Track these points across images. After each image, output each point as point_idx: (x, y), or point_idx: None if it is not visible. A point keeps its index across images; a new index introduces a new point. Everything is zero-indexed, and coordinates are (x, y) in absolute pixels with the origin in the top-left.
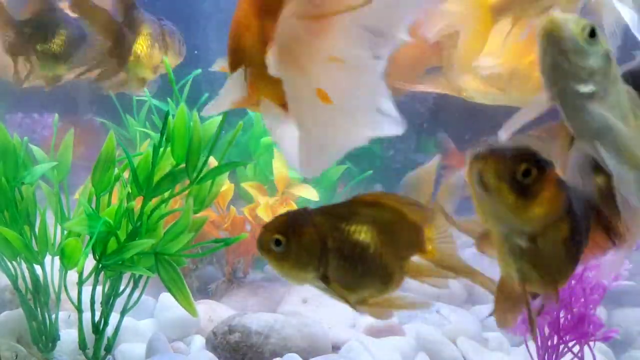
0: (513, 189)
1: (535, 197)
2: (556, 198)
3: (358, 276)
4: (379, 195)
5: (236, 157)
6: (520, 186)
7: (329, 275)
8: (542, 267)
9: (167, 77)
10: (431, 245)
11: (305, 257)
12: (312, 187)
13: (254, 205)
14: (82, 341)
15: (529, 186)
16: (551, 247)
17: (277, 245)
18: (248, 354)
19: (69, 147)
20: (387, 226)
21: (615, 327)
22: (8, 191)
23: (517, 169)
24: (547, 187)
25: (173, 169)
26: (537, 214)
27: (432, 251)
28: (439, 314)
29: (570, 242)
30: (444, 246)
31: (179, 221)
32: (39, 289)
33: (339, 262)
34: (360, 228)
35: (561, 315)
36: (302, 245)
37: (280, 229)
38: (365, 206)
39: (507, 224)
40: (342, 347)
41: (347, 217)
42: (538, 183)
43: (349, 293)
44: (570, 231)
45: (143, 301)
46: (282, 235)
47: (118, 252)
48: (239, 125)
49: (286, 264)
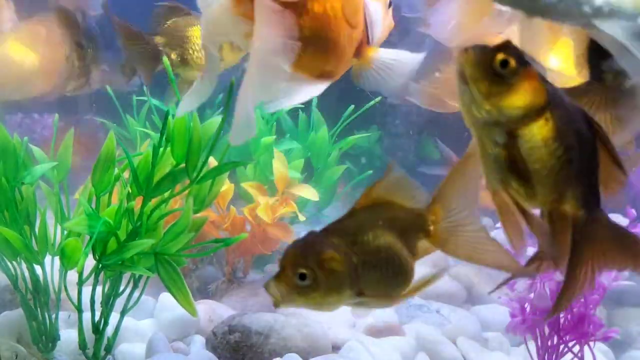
0: (488, 76)
1: (510, 87)
2: (535, 92)
3: (390, 278)
4: (370, 195)
5: (236, 157)
6: (496, 74)
7: (364, 291)
8: (524, 174)
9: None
10: (435, 228)
11: (336, 282)
12: (312, 187)
13: (254, 205)
14: (82, 341)
15: (505, 76)
16: (532, 149)
17: (303, 280)
18: (248, 354)
19: (69, 147)
20: (394, 221)
21: (615, 327)
22: (8, 191)
23: (494, 58)
24: (525, 80)
25: (173, 169)
26: (513, 104)
27: (436, 234)
28: (439, 314)
29: (556, 149)
30: (449, 229)
31: (179, 221)
32: (39, 289)
33: (370, 273)
34: (375, 234)
35: (561, 315)
36: (331, 271)
37: (301, 262)
38: (366, 212)
39: (483, 118)
40: (342, 347)
41: (357, 228)
42: (516, 75)
43: (385, 298)
44: (554, 134)
45: (143, 301)
46: (305, 268)
47: (118, 252)
48: None
49: (317, 294)
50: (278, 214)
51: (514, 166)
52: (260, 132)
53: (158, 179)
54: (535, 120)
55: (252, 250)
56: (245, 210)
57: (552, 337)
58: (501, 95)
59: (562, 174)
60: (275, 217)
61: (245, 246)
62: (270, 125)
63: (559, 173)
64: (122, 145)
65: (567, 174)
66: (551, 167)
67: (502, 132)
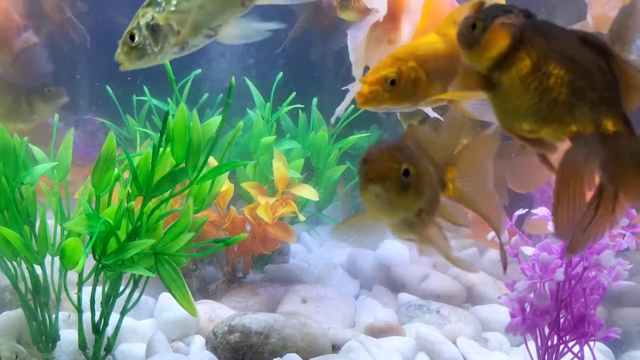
0: (465, 40)
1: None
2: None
3: (431, 202)
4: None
5: (236, 157)
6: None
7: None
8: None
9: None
10: (452, 184)
11: (425, 184)
12: (312, 187)
13: (254, 205)
14: (82, 341)
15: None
16: (518, 88)
17: (406, 176)
18: (248, 354)
19: (69, 147)
20: (432, 161)
21: (615, 327)
22: (8, 191)
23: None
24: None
25: (173, 169)
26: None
27: (453, 189)
28: (439, 314)
29: (541, 79)
30: (464, 187)
31: (179, 221)
32: (39, 289)
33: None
34: (424, 161)
35: (561, 315)
36: (422, 172)
37: (401, 159)
38: (413, 143)
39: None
40: (342, 347)
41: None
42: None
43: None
44: (533, 69)
45: (143, 301)
46: (408, 164)
47: (118, 252)
48: (239, 125)
49: (411, 194)
50: (278, 214)
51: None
52: (260, 132)
53: (158, 179)
54: (511, 63)
55: (252, 250)
56: (245, 210)
57: (552, 337)
58: (474, 53)
59: (569, 97)
60: (275, 217)
61: (245, 246)
62: (270, 125)
63: (565, 99)
64: (122, 145)
65: (575, 96)
66: (551, 97)
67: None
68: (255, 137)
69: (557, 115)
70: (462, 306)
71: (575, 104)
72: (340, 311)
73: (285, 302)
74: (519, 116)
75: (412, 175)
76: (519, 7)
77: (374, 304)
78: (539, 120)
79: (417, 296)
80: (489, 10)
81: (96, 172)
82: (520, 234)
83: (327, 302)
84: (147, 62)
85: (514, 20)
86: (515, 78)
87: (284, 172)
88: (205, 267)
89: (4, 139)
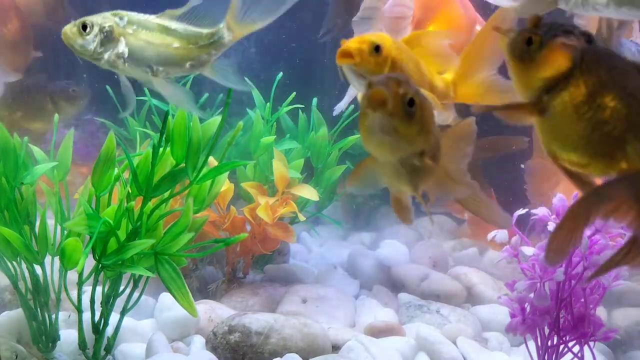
0: (517, 55)
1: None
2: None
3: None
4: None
5: (236, 157)
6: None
7: None
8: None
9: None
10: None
11: (429, 121)
12: (312, 187)
13: (254, 205)
14: (82, 341)
15: (530, 52)
16: (569, 115)
17: (411, 106)
18: (248, 354)
19: (69, 147)
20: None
21: (615, 327)
22: (8, 191)
23: (521, 38)
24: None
25: (173, 169)
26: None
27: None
28: (439, 314)
29: (595, 109)
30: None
31: (179, 221)
32: (39, 289)
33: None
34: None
35: (561, 315)
36: (427, 107)
37: (407, 87)
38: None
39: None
40: (342, 347)
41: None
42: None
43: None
44: (588, 97)
45: (143, 301)
46: (414, 94)
47: (118, 252)
48: (239, 125)
49: (414, 127)
50: (278, 214)
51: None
52: (260, 132)
53: (158, 179)
54: (565, 88)
55: (252, 250)
56: (245, 210)
57: (552, 337)
58: (527, 69)
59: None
60: (275, 217)
61: (245, 246)
62: (270, 125)
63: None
64: (122, 145)
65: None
66: (604, 130)
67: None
68: (255, 137)
69: (608, 149)
70: (462, 306)
71: (630, 140)
72: (340, 311)
73: (285, 302)
74: (567, 146)
75: (417, 105)
76: (581, 30)
77: (374, 304)
78: (589, 152)
79: (417, 296)
80: (548, 27)
81: (96, 172)
82: (521, 234)
83: (327, 302)
84: (82, 53)
85: (575, 42)
86: (569, 105)
87: (284, 172)
88: (205, 267)
89: (4, 139)
